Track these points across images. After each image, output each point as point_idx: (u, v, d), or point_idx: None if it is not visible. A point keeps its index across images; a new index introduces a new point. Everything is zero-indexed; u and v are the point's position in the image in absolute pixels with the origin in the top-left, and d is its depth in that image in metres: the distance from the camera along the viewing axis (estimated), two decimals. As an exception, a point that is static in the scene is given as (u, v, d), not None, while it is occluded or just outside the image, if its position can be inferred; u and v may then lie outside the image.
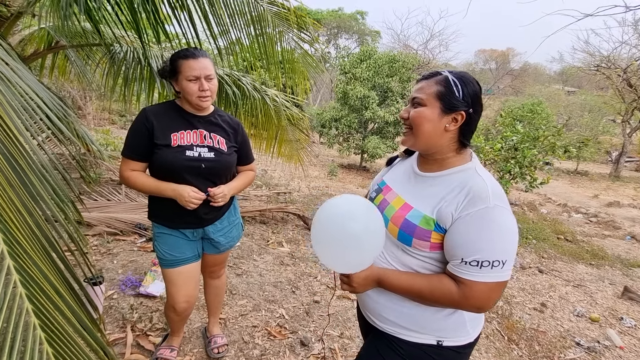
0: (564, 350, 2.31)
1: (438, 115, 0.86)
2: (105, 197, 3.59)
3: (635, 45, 12.31)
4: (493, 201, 0.79)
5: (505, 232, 0.79)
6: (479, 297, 0.80)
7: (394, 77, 10.93)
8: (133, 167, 1.33)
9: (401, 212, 0.91)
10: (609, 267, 4.02)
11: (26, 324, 0.45)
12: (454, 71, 0.89)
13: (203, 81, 1.27)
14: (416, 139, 0.90)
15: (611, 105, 14.86)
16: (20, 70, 1.25)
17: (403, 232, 0.88)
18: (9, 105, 0.91)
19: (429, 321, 0.91)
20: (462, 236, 0.80)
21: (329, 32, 22.70)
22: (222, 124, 1.42)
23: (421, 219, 0.86)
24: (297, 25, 2.86)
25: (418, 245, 0.87)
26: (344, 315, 2.29)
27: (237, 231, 1.60)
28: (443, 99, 0.85)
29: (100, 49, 3.31)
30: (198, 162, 1.32)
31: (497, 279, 0.79)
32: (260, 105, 3.50)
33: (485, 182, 0.83)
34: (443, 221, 0.84)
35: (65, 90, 7.74)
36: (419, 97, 0.88)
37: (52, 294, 0.55)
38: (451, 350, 0.92)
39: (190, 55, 1.26)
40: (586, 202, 8.86)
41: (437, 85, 0.86)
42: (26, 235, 0.58)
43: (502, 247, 0.78)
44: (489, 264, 0.78)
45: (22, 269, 0.50)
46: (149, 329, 1.91)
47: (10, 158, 0.72)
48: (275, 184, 6.11)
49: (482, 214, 0.79)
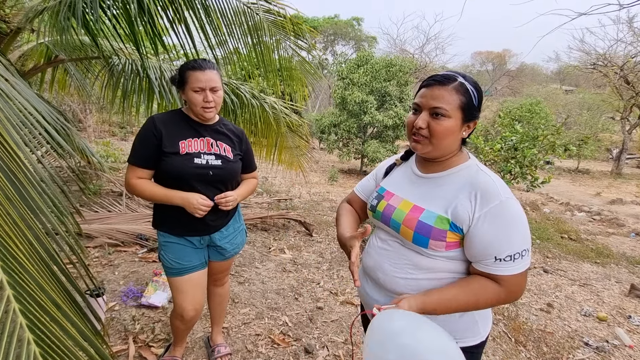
0: (573, 350, 2.28)
1: (460, 126, 0.86)
2: (106, 209, 3.59)
3: (631, 43, 12.38)
4: (504, 194, 0.82)
5: (523, 221, 0.82)
6: (520, 287, 0.84)
7: (392, 82, 10.98)
8: (140, 174, 1.33)
9: (413, 214, 0.89)
10: (615, 265, 3.98)
11: (20, 340, 0.45)
12: (465, 75, 0.88)
13: (208, 93, 1.29)
14: (435, 147, 0.88)
15: (609, 103, 14.86)
16: (20, 86, 1.26)
17: (419, 234, 0.87)
18: (8, 121, 0.92)
19: (442, 324, 0.90)
20: (488, 235, 0.81)
21: (326, 39, 22.90)
22: (227, 133, 1.45)
23: (436, 219, 0.86)
24: (294, 33, 2.89)
25: (434, 246, 0.86)
26: (348, 321, 2.27)
27: (241, 237, 1.61)
28: (465, 110, 0.85)
29: (99, 61, 3.35)
30: (206, 170, 1.34)
31: (528, 265, 0.84)
32: (259, 112, 3.52)
33: (491, 178, 0.86)
34: (460, 221, 0.84)
35: (65, 104, 7.80)
36: (443, 108, 0.83)
37: (51, 307, 0.54)
38: (465, 351, 0.91)
39: (198, 67, 1.29)
40: (589, 200, 8.82)
41: (459, 95, 0.84)
42: (23, 249, 0.58)
43: (523, 236, 0.82)
44: (519, 255, 0.81)
45: (17, 283, 0.49)
46: (151, 340, 1.89)
47: (8, 172, 0.72)
48: (276, 190, 6.12)
49: (499, 209, 0.81)
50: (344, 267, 3.13)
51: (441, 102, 0.84)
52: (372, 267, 1.00)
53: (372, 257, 1.01)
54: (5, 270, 0.49)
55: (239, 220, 1.59)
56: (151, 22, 2.04)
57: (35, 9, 2.33)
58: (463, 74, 0.88)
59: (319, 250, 3.52)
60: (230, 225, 1.52)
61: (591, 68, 14.44)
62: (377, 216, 1.00)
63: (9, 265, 0.50)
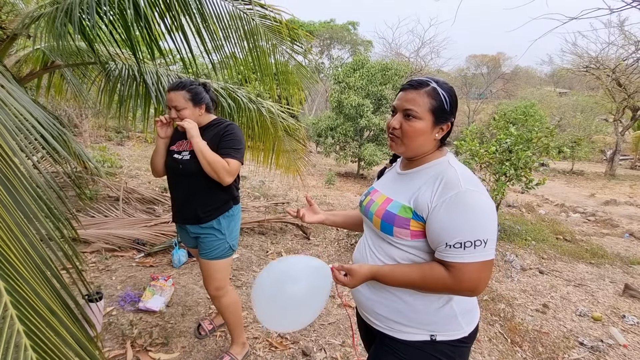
0: (568, 350, 2.30)
1: (430, 128, 0.92)
2: (103, 214, 3.57)
3: (622, 46, 12.54)
4: (464, 186, 0.85)
5: (480, 212, 0.83)
6: (470, 278, 0.84)
7: (387, 85, 11.06)
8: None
9: (383, 205, 0.98)
10: (609, 266, 4.02)
11: (17, 346, 0.45)
12: (438, 80, 0.93)
13: (172, 111, 1.59)
14: (407, 147, 0.95)
15: (602, 105, 15.02)
16: (16, 92, 1.27)
17: (384, 222, 0.94)
18: (3, 127, 0.92)
19: (419, 315, 0.94)
20: (441, 222, 0.85)
21: (322, 43, 23.00)
22: (209, 135, 1.60)
23: (400, 209, 0.92)
24: (289, 38, 2.91)
25: (399, 234, 0.92)
26: (345, 323, 2.28)
27: (217, 244, 1.65)
28: (436, 113, 0.91)
29: (96, 67, 3.35)
30: (177, 164, 1.60)
31: (482, 258, 0.83)
32: (256, 116, 3.53)
33: (455, 171, 0.89)
34: (420, 209, 0.89)
35: (61, 109, 7.77)
36: (414, 110, 0.90)
37: (46, 313, 0.55)
38: (446, 344, 0.94)
39: (168, 89, 1.62)
40: (583, 201, 8.89)
41: (430, 99, 0.90)
42: (19, 256, 0.58)
43: (480, 227, 0.82)
44: (471, 244, 0.82)
45: (14, 289, 0.50)
46: (149, 345, 1.89)
47: (3, 179, 0.73)
48: (273, 194, 6.11)
49: (456, 198, 0.84)
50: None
51: (412, 105, 0.90)
52: (358, 259, 1.08)
53: (359, 250, 1.09)
54: (2, 276, 0.50)
55: (221, 230, 1.65)
56: (148, 27, 2.05)
57: (32, 15, 2.33)
58: (438, 79, 0.93)
59: (316, 253, 3.52)
60: (207, 227, 1.64)
61: (584, 71, 14.60)
62: (362, 210, 1.09)
63: (6, 271, 0.51)
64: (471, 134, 4.62)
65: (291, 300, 0.93)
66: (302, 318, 0.99)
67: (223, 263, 1.67)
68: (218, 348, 1.93)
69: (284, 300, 0.94)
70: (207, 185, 1.58)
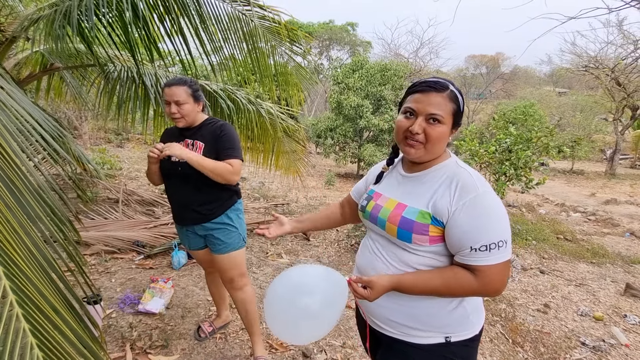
0: (570, 350, 2.30)
1: (449, 131, 0.92)
2: (103, 216, 3.57)
3: (621, 45, 12.57)
4: (481, 188, 0.85)
5: (500, 213, 0.85)
6: (496, 279, 0.84)
7: (387, 86, 11.07)
8: None
9: (397, 210, 0.93)
10: (610, 265, 4.02)
11: (24, 344, 0.46)
12: (453, 82, 0.93)
13: (172, 105, 1.55)
14: (428, 152, 0.91)
15: (602, 104, 15.03)
16: (15, 94, 1.27)
17: (402, 229, 0.90)
18: (5, 129, 0.92)
19: (434, 318, 0.92)
20: (463, 226, 0.84)
21: (321, 44, 23.03)
22: (205, 133, 1.62)
23: (417, 214, 0.89)
24: (289, 39, 2.92)
25: (418, 241, 0.89)
26: (346, 324, 2.27)
27: (228, 235, 1.69)
28: (455, 116, 0.91)
29: (95, 69, 3.35)
30: (176, 166, 1.59)
31: (505, 258, 0.84)
32: (255, 118, 3.53)
33: (469, 173, 0.89)
34: (439, 214, 0.87)
35: (61, 111, 7.77)
36: (440, 115, 0.87)
37: (51, 313, 0.55)
38: (460, 345, 0.93)
39: (167, 84, 1.58)
40: (584, 200, 8.89)
41: (452, 102, 0.89)
42: (23, 256, 0.58)
43: (500, 228, 0.83)
44: (495, 245, 0.82)
45: (19, 289, 0.50)
46: (149, 347, 1.88)
47: (7, 180, 0.73)
48: (273, 195, 6.11)
49: (475, 200, 0.84)
50: (342, 271, 3.13)
51: (438, 109, 0.88)
52: (364, 266, 1.03)
53: (365, 256, 1.04)
54: (8, 276, 0.50)
55: (232, 223, 1.70)
56: (146, 29, 2.06)
57: (31, 18, 2.34)
58: (451, 81, 0.93)
59: (316, 254, 3.52)
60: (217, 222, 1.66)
61: (583, 70, 14.63)
62: (367, 216, 1.03)
63: (11, 271, 0.51)
64: (471, 134, 4.63)
65: (304, 315, 0.89)
66: (315, 332, 0.95)
67: (239, 253, 1.73)
68: (218, 350, 1.92)
69: (296, 314, 0.90)
70: (208, 184, 1.59)
